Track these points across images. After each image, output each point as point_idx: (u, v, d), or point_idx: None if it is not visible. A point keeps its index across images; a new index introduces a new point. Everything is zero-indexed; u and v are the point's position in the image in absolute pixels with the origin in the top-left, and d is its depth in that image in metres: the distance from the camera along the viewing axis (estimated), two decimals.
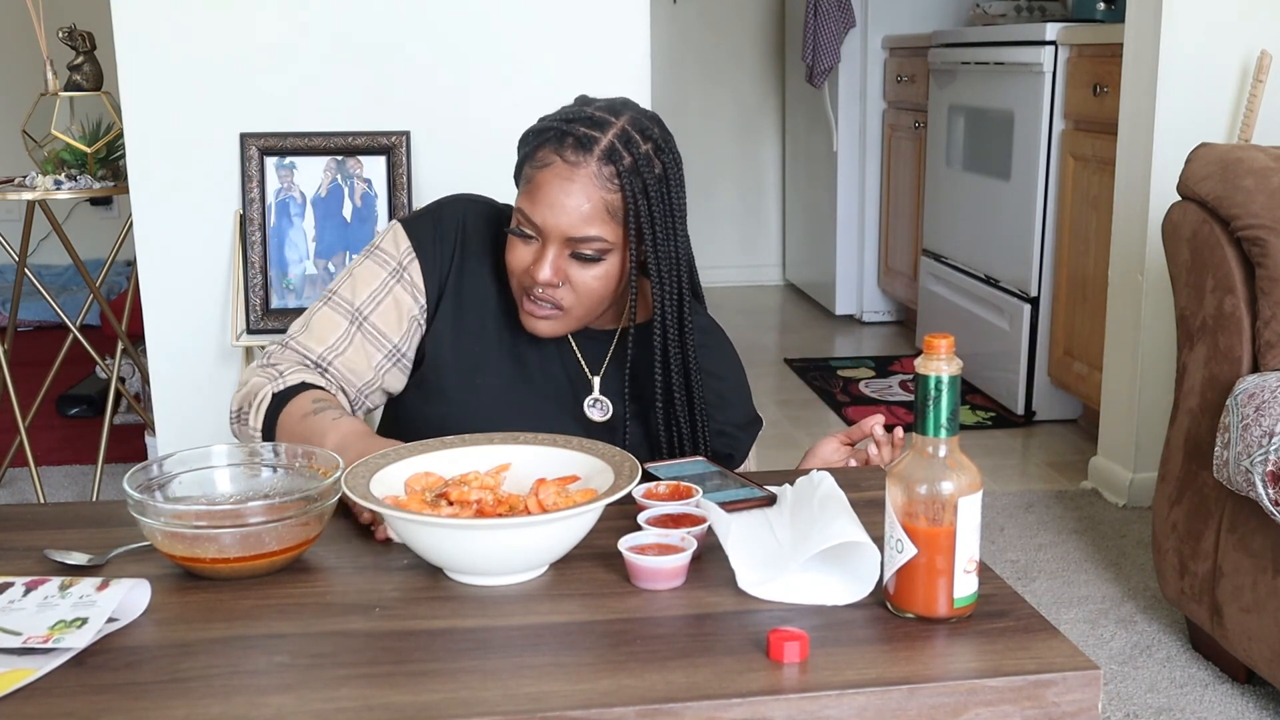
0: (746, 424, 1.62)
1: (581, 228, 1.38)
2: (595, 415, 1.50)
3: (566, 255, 1.40)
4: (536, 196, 1.39)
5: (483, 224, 1.51)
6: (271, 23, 2.44)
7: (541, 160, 1.39)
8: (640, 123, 1.42)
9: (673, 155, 1.44)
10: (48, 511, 1.37)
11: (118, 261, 4.50)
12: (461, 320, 1.48)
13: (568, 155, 1.38)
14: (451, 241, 1.49)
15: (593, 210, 1.38)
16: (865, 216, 4.93)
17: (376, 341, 1.47)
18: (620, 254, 1.42)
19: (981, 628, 1.02)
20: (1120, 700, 2.07)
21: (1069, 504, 2.95)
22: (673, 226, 1.43)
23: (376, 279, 1.48)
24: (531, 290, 1.41)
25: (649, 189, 1.40)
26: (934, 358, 1.00)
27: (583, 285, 1.41)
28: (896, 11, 4.74)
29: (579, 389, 1.51)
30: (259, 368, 1.45)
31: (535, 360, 1.50)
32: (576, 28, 2.51)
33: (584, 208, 1.38)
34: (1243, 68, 2.74)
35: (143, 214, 2.48)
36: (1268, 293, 1.98)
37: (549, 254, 1.39)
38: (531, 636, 1.01)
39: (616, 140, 1.39)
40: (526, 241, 1.41)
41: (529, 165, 1.41)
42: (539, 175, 1.39)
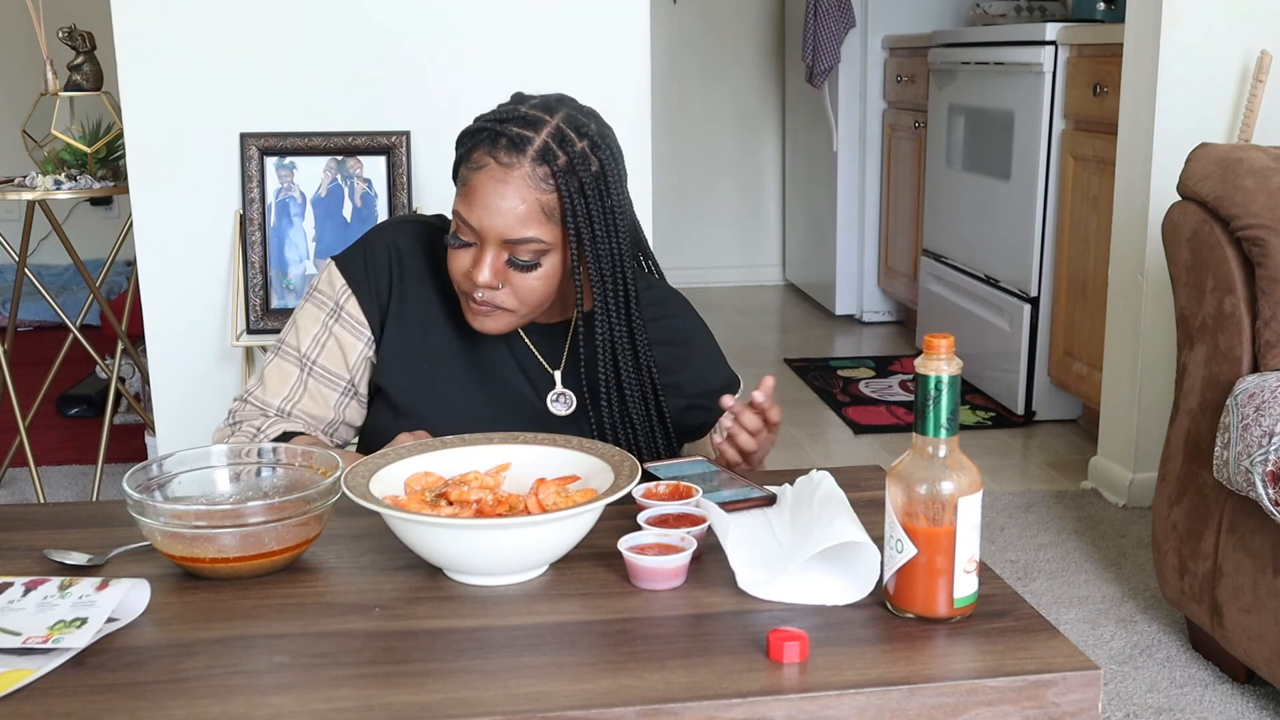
0: (721, 388, 1.57)
1: (517, 229, 1.37)
2: (559, 410, 1.50)
3: (504, 258, 1.39)
4: (472, 200, 1.38)
5: (415, 244, 1.53)
6: (271, 23, 2.44)
7: (476, 162, 1.39)
8: (575, 119, 1.41)
9: (610, 150, 1.43)
10: (48, 511, 1.37)
11: (118, 261, 4.50)
12: (410, 341, 1.49)
13: (501, 157, 1.38)
14: (386, 268, 1.50)
15: (528, 212, 1.37)
16: (865, 216, 4.93)
17: (329, 382, 1.50)
18: (559, 253, 1.41)
19: (981, 628, 1.02)
20: (1120, 700, 2.07)
21: (1069, 504, 2.95)
22: (613, 224, 1.42)
23: (317, 321, 1.50)
24: (473, 294, 1.41)
25: (585, 188, 1.39)
26: (934, 358, 1.00)
27: (523, 287, 1.41)
28: (896, 11, 4.74)
29: (541, 386, 1.51)
30: (229, 428, 1.49)
31: (493, 364, 1.51)
32: (576, 28, 2.51)
33: (519, 209, 1.37)
34: (1243, 68, 2.74)
35: (143, 214, 2.48)
36: (1268, 293, 1.98)
37: (487, 257, 1.39)
38: (531, 636, 1.01)
39: (550, 139, 1.38)
40: (465, 246, 1.41)
41: (464, 167, 1.41)
42: (474, 178, 1.39)
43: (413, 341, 1.49)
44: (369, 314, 1.49)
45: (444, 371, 1.49)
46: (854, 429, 3.55)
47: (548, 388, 1.51)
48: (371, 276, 1.50)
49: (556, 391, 1.51)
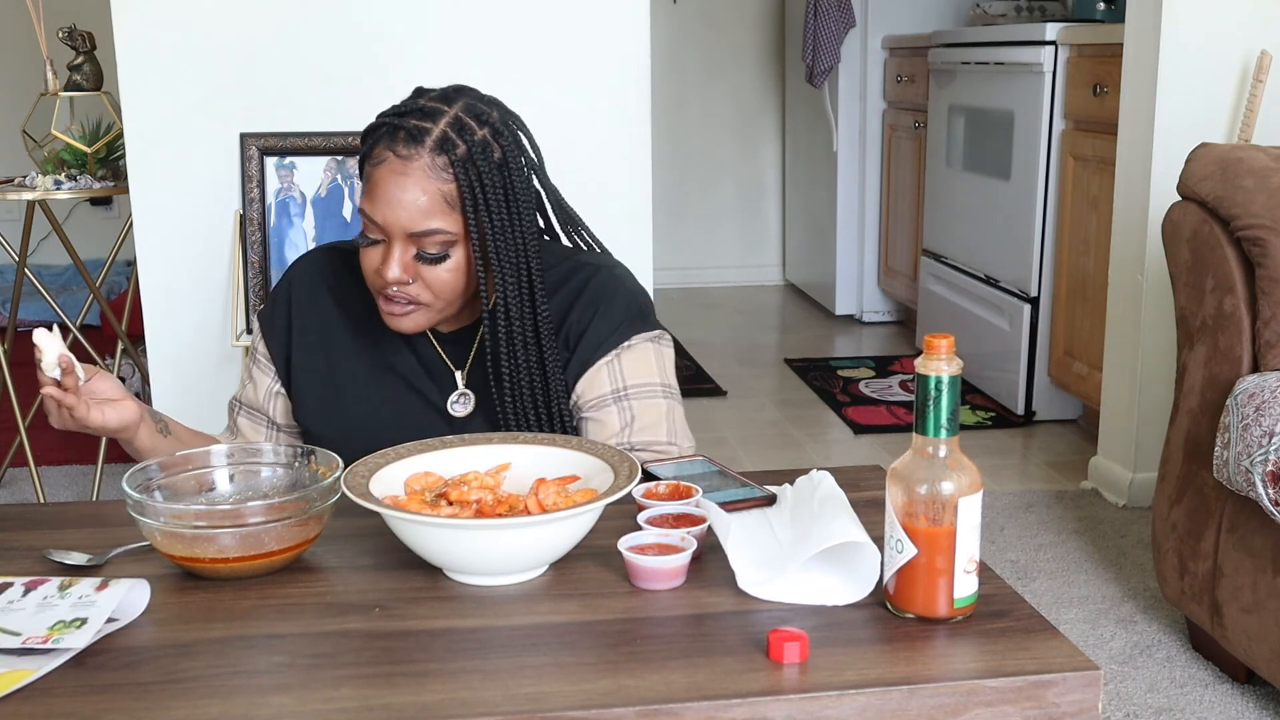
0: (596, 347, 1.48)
1: (421, 221, 1.36)
2: (458, 411, 1.49)
3: (412, 252, 1.38)
4: (375, 195, 1.38)
5: (312, 268, 1.56)
6: (271, 23, 2.44)
7: (376, 158, 1.39)
8: (475, 108, 1.41)
9: (513, 138, 1.42)
10: (48, 511, 1.37)
11: (118, 261, 4.50)
12: (315, 368, 1.52)
13: (400, 149, 1.37)
14: (284, 307, 1.54)
15: (430, 203, 1.36)
16: (865, 216, 4.93)
17: (254, 418, 1.58)
18: (467, 245, 1.40)
19: (981, 628, 1.02)
20: (1120, 700, 2.07)
21: (1069, 504, 2.95)
22: (515, 213, 1.40)
23: (246, 370, 1.60)
24: (385, 291, 1.40)
25: (484, 177, 1.38)
26: (934, 358, 1.00)
27: (435, 280, 1.39)
28: (896, 11, 4.74)
29: (446, 389, 1.50)
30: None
31: (399, 373, 1.50)
32: (576, 28, 2.51)
33: (420, 201, 1.36)
34: (1243, 68, 2.74)
35: (143, 214, 2.48)
36: (1268, 293, 1.98)
37: (395, 253, 1.38)
38: (531, 636, 1.01)
39: (449, 129, 1.38)
40: (374, 244, 1.40)
41: (367, 164, 1.40)
42: (375, 173, 1.38)
43: (317, 368, 1.52)
44: (274, 353, 1.54)
45: (350, 389, 1.51)
46: (854, 429, 3.55)
47: (452, 390, 1.50)
48: (275, 316, 1.54)
49: (458, 393, 1.49)
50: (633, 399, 1.47)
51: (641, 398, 1.48)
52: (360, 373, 1.51)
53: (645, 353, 1.49)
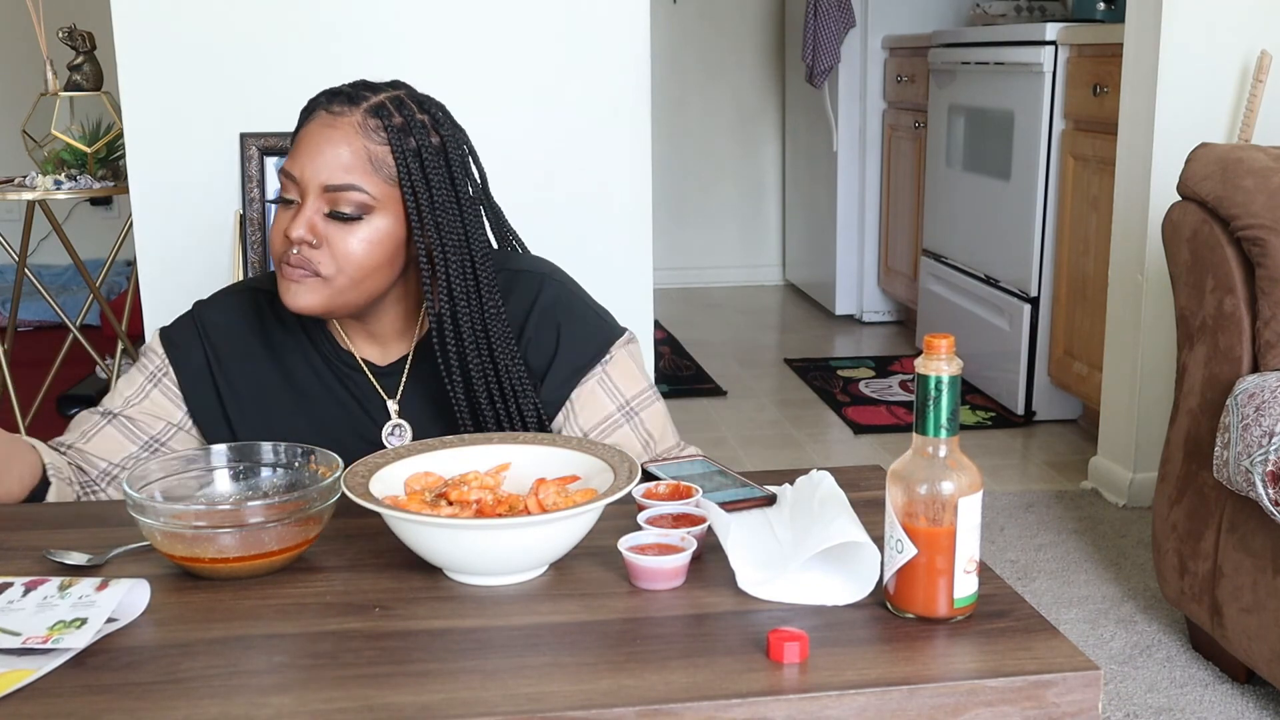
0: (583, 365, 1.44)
1: (339, 174, 1.30)
2: (394, 443, 1.41)
3: (324, 210, 1.31)
4: (297, 150, 1.32)
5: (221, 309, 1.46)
6: (271, 23, 2.44)
7: (302, 124, 1.34)
8: (419, 97, 1.38)
9: (455, 136, 1.37)
10: (48, 511, 1.37)
11: (118, 261, 4.50)
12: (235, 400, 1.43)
13: (333, 107, 1.33)
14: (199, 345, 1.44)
15: (353, 158, 1.30)
16: (865, 216, 4.93)
17: (129, 433, 1.43)
18: (388, 218, 1.33)
19: (981, 628, 1.02)
20: (1120, 700, 2.07)
21: (1069, 504, 2.95)
22: (457, 206, 1.34)
23: (134, 384, 1.45)
24: (287, 254, 1.32)
25: (423, 154, 1.32)
26: (934, 358, 1.00)
27: (342, 248, 1.31)
28: (896, 11, 4.75)
29: (379, 419, 1.43)
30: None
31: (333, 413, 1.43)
32: (576, 28, 2.51)
33: (343, 155, 1.30)
34: (1243, 68, 2.74)
35: (143, 214, 2.48)
36: (1268, 293, 1.98)
37: (305, 209, 1.31)
38: (531, 636, 1.01)
39: (388, 101, 1.34)
40: (286, 207, 1.33)
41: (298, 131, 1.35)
42: (302, 131, 1.33)
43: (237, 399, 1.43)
44: (187, 389, 1.43)
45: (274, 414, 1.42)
46: (854, 429, 3.55)
47: (384, 419, 1.43)
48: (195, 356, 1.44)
49: (393, 423, 1.43)
50: (638, 411, 1.46)
51: (644, 407, 1.46)
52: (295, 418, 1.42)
53: (625, 360, 1.46)
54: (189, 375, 1.44)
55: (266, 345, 1.44)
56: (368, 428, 1.43)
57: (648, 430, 1.46)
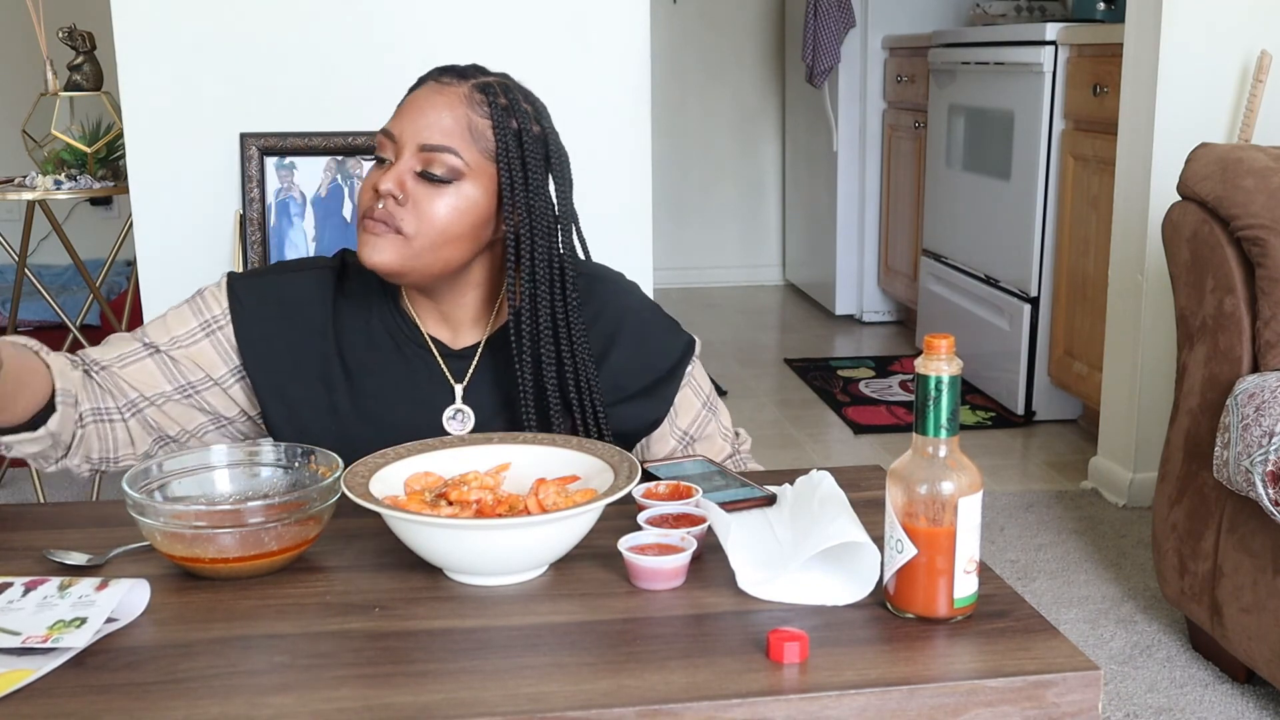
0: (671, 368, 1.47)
1: (437, 136, 1.31)
2: (454, 428, 1.39)
3: (416, 169, 1.31)
4: (400, 112, 1.34)
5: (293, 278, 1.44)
6: (271, 23, 2.44)
7: (414, 89, 1.37)
8: (528, 91, 1.40)
9: (556, 135, 1.39)
10: (48, 511, 1.37)
11: (118, 261, 4.50)
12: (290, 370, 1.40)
13: (443, 79, 1.35)
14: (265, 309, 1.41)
15: (454, 124, 1.32)
16: (865, 216, 4.93)
17: (168, 373, 1.39)
18: (477, 191, 1.33)
19: (981, 628, 1.02)
20: (1120, 700, 2.07)
21: (1069, 504, 2.95)
22: (545, 189, 1.36)
23: (186, 325, 1.40)
24: (372, 210, 1.31)
25: (524, 137, 1.34)
26: (934, 358, 1.00)
27: (427, 209, 1.31)
28: (896, 11, 4.75)
29: (440, 399, 1.41)
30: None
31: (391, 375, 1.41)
32: (576, 28, 2.51)
33: (444, 118, 1.32)
34: (1243, 68, 2.74)
35: (143, 214, 2.48)
36: (1268, 293, 1.98)
37: (399, 165, 1.31)
38: (531, 636, 1.01)
39: (496, 83, 1.36)
40: (380, 165, 1.34)
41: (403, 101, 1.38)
42: (408, 97, 1.36)
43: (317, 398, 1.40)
44: (244, 350, 1.40)
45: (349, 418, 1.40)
46: (854, 429, 3.55)
47: (447, 404, 1.41)
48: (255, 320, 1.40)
49: (455, 408, 1.41)
50: (715, 406, 1.53)
51: (716, 402, 1.53)
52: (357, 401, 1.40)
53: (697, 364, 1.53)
54: (247, 336, 1.40)
55: (334, 318, 1.42)
56: (429, 409, 1.41)
57: (724, 425, 1.53)
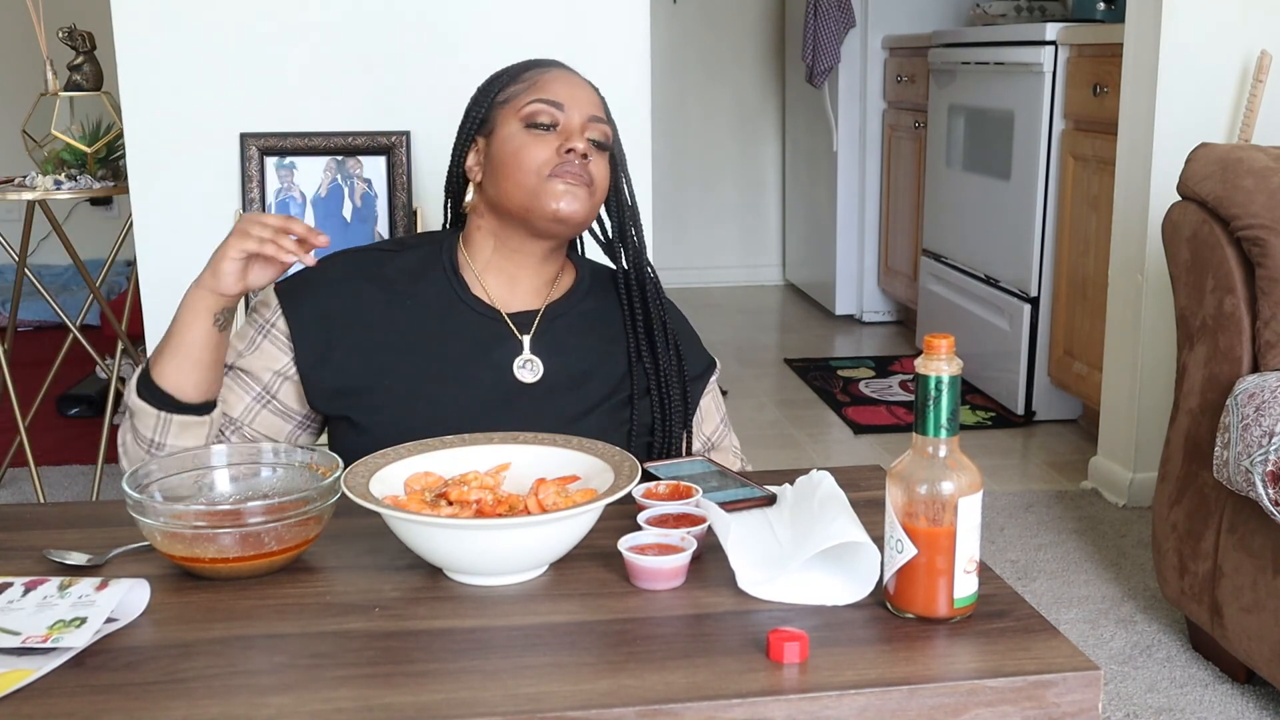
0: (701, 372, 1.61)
1: (597, 109, 1.47)
2: (525, 376, 1.46)
3: (588, 135, 1.45)
4: (552, 84, 1.46)
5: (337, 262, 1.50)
6: (271, 23, 2.44)
7: (535, 73, 1.48)
8: None
9: None
10: (48, 511, 1.37)
11: (118, 261, 4.50)
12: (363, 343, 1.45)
13: (557, 66, 1.50)
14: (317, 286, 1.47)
15: (599, 99, 1.49)
16: (865, 216, 4.93)
17: (244, 385, 1.45)
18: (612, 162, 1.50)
19: (981, 628, 1.02)
20: (1120, 700, 2.07)
21: (1069, 504, 2.95)
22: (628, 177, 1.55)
23: (246, 336, 1.48)
24: (565, 163, 1.42)
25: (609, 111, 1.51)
26: (934, 358, 1.00)
27: (600, 171, 1.46)
28: (896, 11, 4.75)
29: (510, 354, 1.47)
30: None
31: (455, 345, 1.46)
32: (576, 28, 2.51)
33: (595, 95, 1.48)
34: (1243, 68, 2.74)
35: (143, 214, 2.48)
36: (1268, 293, 1.98)
37: (575, 129, 1.44)
38: (531, 636, 1.01)
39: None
40: (543, 132, 1.44)
41: (518, 83, 1.48)
42: (542, 77, 1.47)
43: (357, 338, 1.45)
44: (297, 336, 1.45)
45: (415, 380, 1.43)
46: (854, 429, 3.55)
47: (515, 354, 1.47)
48: (306, 296, 1.46)
49: (524, 358, 1.46)
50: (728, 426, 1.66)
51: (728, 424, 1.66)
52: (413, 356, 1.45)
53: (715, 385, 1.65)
54: (299, 321, 1.45)
55: (387, 291, 1.47)
56: (499, 360, 1.46)
57: (735, 444, 1.66)
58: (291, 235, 1.34)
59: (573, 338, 1.49)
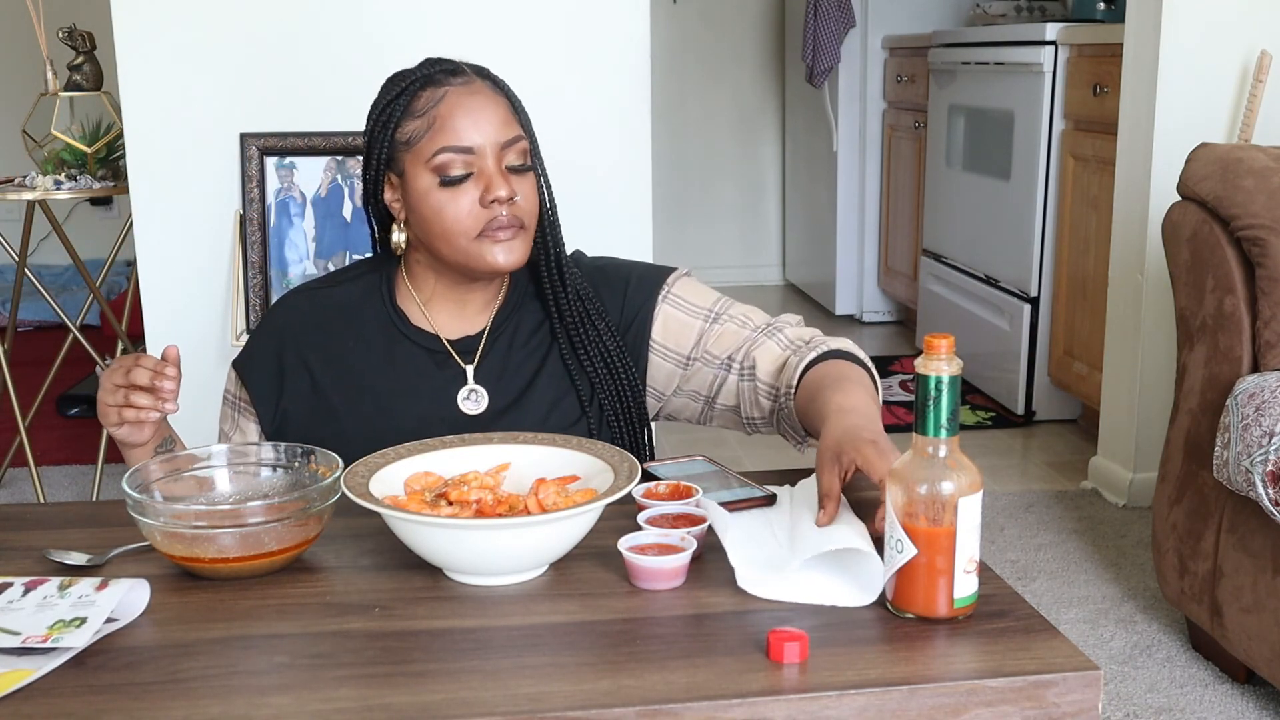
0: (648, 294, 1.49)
1: (506, 129, 1.37)
2: (469, 408, 1.43)
3: (504, 164, 1.37)
4: (452, 122, 1.34)
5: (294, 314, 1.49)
6: (271, 23, 2.44)
7: (431, 96, 1.36)
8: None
9: None
10: (48, 511, 1.37)
11: (118, 261, 4.50)
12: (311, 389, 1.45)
13: (451, 81, 1.37)
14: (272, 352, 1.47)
15: (506, 113, 1.38)
16: (865, 216, 4.93)
17: None
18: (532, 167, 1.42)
19: (981, 628, 1.02)
20: (1120, 700, 2.07)
21: (1069, 504, 2.95)
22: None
23: (228, 418, 1.51)
24: (493, 219, 1.35)
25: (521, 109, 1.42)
26: (934, 358, 1.00)
27: (528, 195, 1.38)
28: (896, 11, 4.74)
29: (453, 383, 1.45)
30: None
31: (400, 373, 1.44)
32: (576, 28, 2.51)
33: (500, 111, 1.37)
34: (1243, 68, 2.74)
35: (143, 214, 2.48)
36: (1268, 293, 1.98)
37: (491, 169, 1.35)
38: (531, 636, 1.01)
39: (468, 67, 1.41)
40: (459, 184, 1.35)
41: (413, 118, 1.36)
42: (440, 106, 1.35)
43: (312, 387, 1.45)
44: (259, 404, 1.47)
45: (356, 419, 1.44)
46: None
47: (459, 386, 1.44)
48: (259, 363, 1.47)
49: (468, 389, 1.44)
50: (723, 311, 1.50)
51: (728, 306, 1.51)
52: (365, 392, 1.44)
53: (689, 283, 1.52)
54: (259, 391, 1.46)
55: (326, 332, 1.46)
56: (444, 394, 1.44)
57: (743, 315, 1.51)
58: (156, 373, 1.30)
59: (516, 352, 1.46)
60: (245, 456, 1.26)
